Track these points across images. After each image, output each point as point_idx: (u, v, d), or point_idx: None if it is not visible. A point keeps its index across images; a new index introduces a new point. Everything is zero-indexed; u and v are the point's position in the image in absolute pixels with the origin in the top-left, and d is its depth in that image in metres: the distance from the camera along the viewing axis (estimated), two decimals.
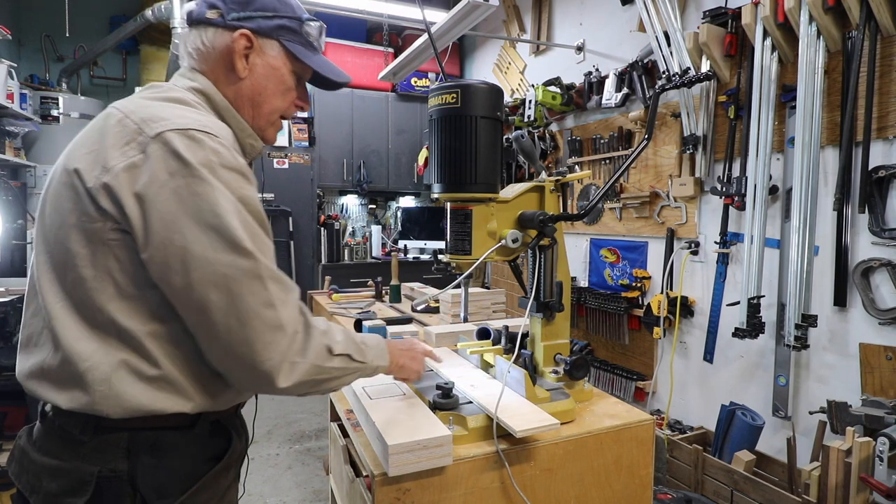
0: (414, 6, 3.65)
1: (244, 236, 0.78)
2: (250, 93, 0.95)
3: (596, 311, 3.37)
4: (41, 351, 0.82)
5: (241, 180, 0.81)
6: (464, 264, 1.22)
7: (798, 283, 2.20)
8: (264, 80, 0.95)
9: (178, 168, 0.75)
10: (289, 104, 1.01)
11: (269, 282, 0.80)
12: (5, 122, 3.55)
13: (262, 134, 0.99)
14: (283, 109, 1.00)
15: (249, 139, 0.97)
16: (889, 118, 2.00)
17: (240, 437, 0.96)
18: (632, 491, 1.19)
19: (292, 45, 0.96)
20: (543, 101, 3.52)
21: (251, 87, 0.94)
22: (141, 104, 0.83)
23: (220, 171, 0.78)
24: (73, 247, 0.78)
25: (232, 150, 0.82)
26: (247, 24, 0.91)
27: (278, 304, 0.80)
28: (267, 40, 0.94)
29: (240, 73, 0.92)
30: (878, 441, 1.63)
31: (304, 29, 0.97)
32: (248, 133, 0.96)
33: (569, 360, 1.26)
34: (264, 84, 0.95)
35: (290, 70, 0.98)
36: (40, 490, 0.80)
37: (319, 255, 4.72)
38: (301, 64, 0.98)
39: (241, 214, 0.79)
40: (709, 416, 2.71)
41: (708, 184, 2.71)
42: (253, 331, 0.77)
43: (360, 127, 4.85)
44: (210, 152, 0.78)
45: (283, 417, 3.75)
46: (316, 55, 1.00)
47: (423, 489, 0.98)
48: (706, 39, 2.49)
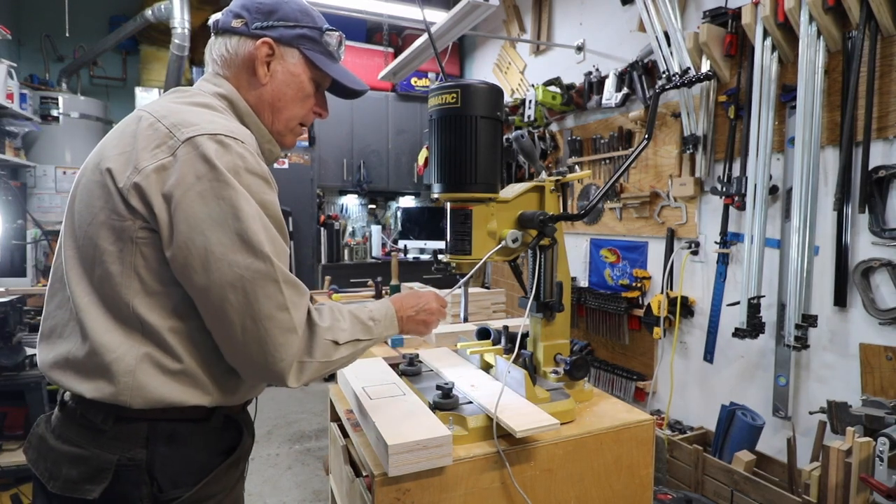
0: (414, 6, 3.65)
1: (263, 240, 0.81)
2: (271, 98, 0.98)
3: (596, 311, 3.37)
4: (67, 342, 0.85)
5: (264, 185, 0.84)
6: (464, 264, 1.22)
7: (798, 283, 2.20)
8: (284, 86, 0.98)
9: (205, 171, 0.79)
10: (307, 111, 1.04)
11: (284, 285, 0.82)
12: (5, 122, 3.55)
13: (280, 139, 1.03)
14: (302, 116, 1.04)
15: (268, 144, 1.01)
16: (889, 118, 2.00)
17: (249, 431, 0.99)
18: (632, 491, 1.19)
19: (312, 53, 1.00)
20: (543, 101, 3.51)
21: (272, 93, 0.98)
22: (171, 108, 0.86)
23: (245, 175, 0.82)
24: (101, 243, 0.81)
25: (256, 156, 0.85)
26: (269, 33, 0.96)
27: (292, 307, 0.83)
28: (288, 48, 0.98)
29: (261, 79, 0.96)
30: (878, 441, 1.63)
31: (324, 38, 1.01)
32: (268, 139, 1.00)
33: (569, 360, 1.26)
34: (284, 90, 0.99)
35: (310, 78, 1.01)
36: (59, 477, 0.82)
37: (319, 255, 4.72)
38: (320, 72, 1.01)
39: (261, 219, 0.82)
40: (709, 416, 2.71)
41: (708, 184, 2.71)
42: (266, 332, 0.81)
43: (360, 127, 4.85)
44: (237, 157, 0.81)
45: (283, 417, 3.75)
46: (335, 64, 1.04)
47: (423, 489, 0.98)
48: (706, 39, 2.49)
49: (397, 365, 1.40)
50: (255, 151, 0.86)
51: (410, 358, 1.41)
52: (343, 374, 1.33)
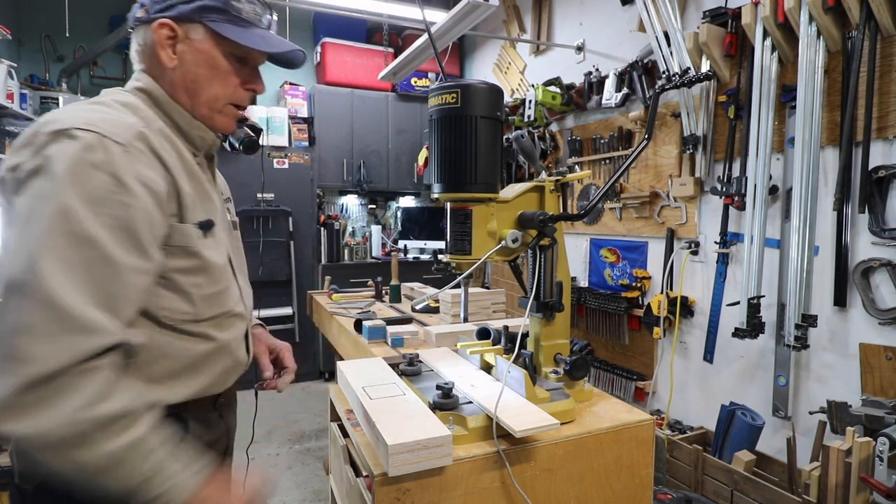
0: (414, 6, 3.65)
1: (42, 247, 0.71)
2: (183, 82, 0.92)
3: (596, 311, 3.37)
4: None
5: (109, 184, 0.76)
6: (464, 264, 1.22)
7: (798, 283, 2.20)
8: (194, 66, 0.92)
9: (36, 165, 0.75)
10: (233, 89, 0.96)
11: (40, 306, 0.69)
12: (5, 122, 3.55)
13: (210, 123, 0.97)
14: (228, 95, 0.96)
15: (197, 131, 0.96)
16: (889, 118, 2.00)
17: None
18: (632, 491, 1.19)
19: (219, 24, 0.91)
20: (543, 101, 3.51)
21: (182, 77, 0.92)
22: (63, 110, 0.83)
23: (82, 171, 0.74)
24: None
25: (122, 152, 0.78)
26: (166, 14, 0.90)
27: (34, 334, 0.68)
28: (191, 25, 0.91)
29: (167, 63, 0.91)
30: (878, 441, 1.63)
31: (230, 4, 0.92)
32: (195, 125, 0.95)
33: (569, 360, 1.26)
34: (195, 71, 0.92)
35: (224, 52, 0.93)
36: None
37: (319, 255, 4.72)
38: (234, 44, 0.92)
39: (65, 222, 0.72)
40: (709, 416, 2.71)
41: (708, 184, 2.71)
42: None
43: (360, 127, 4.84)
44: (81, 150, 0.75)
45: (282, 417, 3.75)
46: (249, 31, 0.94)
47: (423, 489, 0.98)
48: (706, 39, 2.49)
49: (397, 365, 1.40)
50: (132, 143, 0.80)
51: (410, 358, 1.41)
52: (343, 374, 1.33)
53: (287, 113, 4.54)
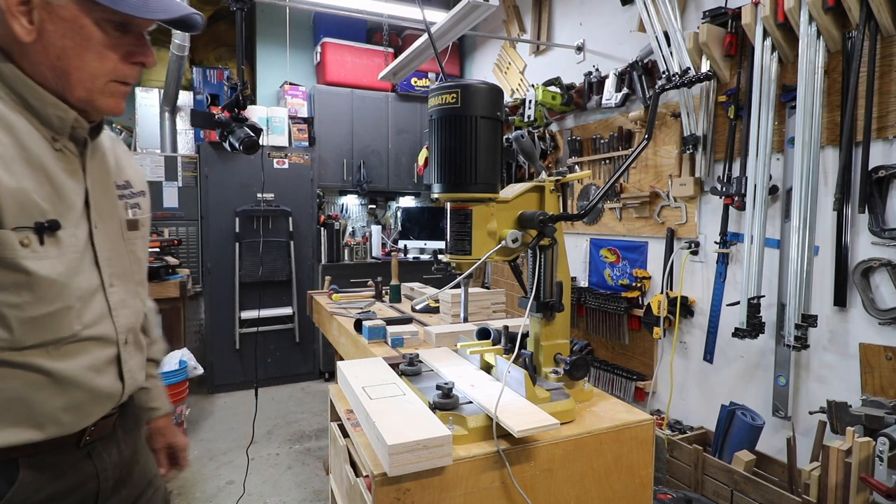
0: (414, 6, 3.65)
1: None
2: (47, 59, 0.78)
3: (596, 311, 3.37)
4: None
5: None
6: (464, 264, 1.22)
7: (798, 283, 2.20)
8: (60, 38, 0.77)
9: None
10: (115, 63, 0.81)
11: None
12: None
13: (90, 105, 0.83)
14: (110, 71, 0.81)
15: (53, 109, 0.80)
16: (889, 118, 2.00)
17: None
18: (632, 491, 1.19)
19: None
20: (543, 101, 3.52)
21: (45, 52, 0.77)
22: None
23: None
24: None
25: None
26: None
27: None
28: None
29: (22, 36, 0.75)
30: (878, 441, 1.63)
31: None
32: (51, 103, 0.80)
33: (569, 360, 1.26)
34: (61, 44, 0.77)
35: (95, 20, 0.78)
36: None
37: (319, 255, 4.72)
38: (104, 7, 0.77)
39: None
40: (709, 416, 2.71)
41: (708, 184, 2.71)
42: None
43: (360, 127, 4.84)
44: None
45: (282, 417, 3.75)
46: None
47: (423, 489, 0.98)
48: (706, 39, 2.49)
49: (397, 365, 1.40)
50: None
51: (410, 358, 1.41)
52: (343, 374, 1.33)
53: (287, 113, 4.54)
